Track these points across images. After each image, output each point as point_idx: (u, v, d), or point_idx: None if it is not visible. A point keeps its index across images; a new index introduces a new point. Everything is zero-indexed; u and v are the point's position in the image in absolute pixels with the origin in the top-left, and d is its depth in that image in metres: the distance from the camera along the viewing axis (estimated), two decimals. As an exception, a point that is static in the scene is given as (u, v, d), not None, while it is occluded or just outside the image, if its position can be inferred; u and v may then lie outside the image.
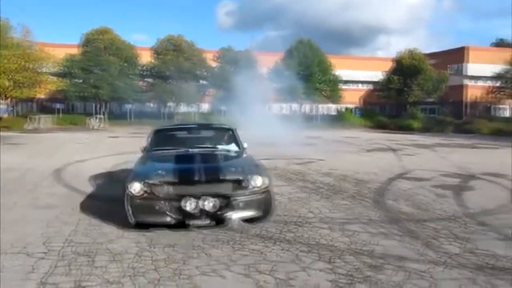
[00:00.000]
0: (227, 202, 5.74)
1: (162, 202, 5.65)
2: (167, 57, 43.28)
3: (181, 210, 5.60)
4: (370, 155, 17.49)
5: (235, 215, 5.77)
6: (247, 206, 5.86)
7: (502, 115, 48.46)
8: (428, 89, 45.72)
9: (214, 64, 45.19)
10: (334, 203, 7.75)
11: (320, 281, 4.24)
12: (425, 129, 38.39)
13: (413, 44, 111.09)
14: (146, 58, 44.64)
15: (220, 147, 7.66)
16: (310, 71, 44.48)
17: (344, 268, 4.57)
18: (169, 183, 5.77)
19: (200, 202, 5.60)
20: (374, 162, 14.55)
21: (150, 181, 5.74)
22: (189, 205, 5.59)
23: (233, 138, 7.89)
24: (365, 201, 8.04)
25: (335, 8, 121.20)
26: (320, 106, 48.82)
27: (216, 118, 36.12)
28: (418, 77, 45.19)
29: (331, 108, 51.48)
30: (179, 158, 6.71)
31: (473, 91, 50.25)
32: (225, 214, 5.71)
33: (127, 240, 5.43)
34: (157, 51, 44.55)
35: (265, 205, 6.08)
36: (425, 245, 5.36)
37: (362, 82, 57.33)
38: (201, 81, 45.81)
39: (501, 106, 49.53)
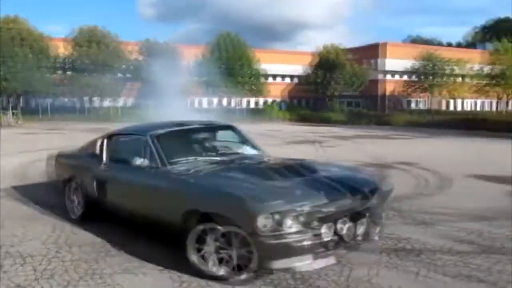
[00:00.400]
0: (374, 219, 4.59)
1: (303, 235, 3.92)
2: (85, 49, 41.19)
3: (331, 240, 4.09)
4: (292, 147, 17.86)
5: (376, 234, 4.62)
6: (380, 220, 4.75)
7: (419, 108, 51.48)
8: (349, 83, 47.40)
9: (140, 58, 43.64)
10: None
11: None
12: (347, 122, 39.83)
13: (334, 39, 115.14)
14: (62, 49, 42.24)
15: (241, 151, 5.97)
16: (234, 65, 44.48)
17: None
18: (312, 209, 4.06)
19: (357, 226, 4.27)
20: (296, 154, 14.86)
21: (298, 210, 3.93)
22: (346, 232, 4.17)
23: (244, 138, 6.31)
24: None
25: (258, 3, 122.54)
26: (243, 100, 49.03)
27: (138, 112, 35.21)
28: (338, 71, 46.72)
29: (254, 101, 51.97)
30: (279, 172, 4.79)
31: (393, 85, 53.00)
32: (370, 234, 4.50)
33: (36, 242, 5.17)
34: (77, 43, 42.18)
35: None
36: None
37: (291, 76, 58.21)
38: (125, 74, 44.22)
39: (419, 99, 52.64)
